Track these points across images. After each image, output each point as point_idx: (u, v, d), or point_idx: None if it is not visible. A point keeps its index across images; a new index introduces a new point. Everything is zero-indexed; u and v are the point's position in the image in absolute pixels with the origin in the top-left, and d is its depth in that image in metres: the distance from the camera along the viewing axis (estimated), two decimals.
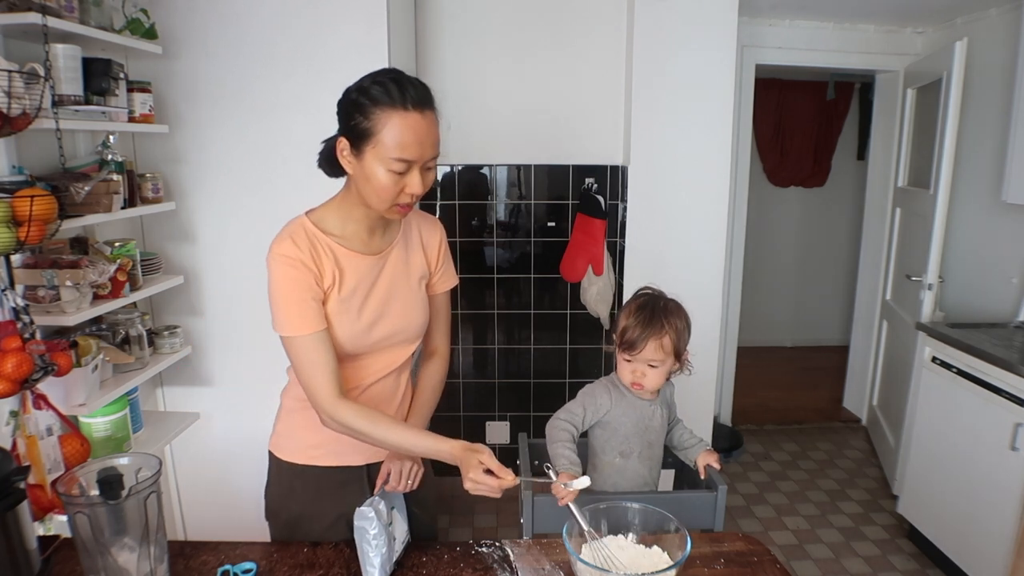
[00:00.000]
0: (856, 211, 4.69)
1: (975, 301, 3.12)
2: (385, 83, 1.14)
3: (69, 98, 1.62)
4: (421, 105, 1.13)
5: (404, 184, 1.16)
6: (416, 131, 1.13)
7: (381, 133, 1.12)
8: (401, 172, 1.15)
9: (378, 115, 1.12)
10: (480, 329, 3.05)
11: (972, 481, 2.36)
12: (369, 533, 1.11)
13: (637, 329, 1.47)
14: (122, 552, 1.06)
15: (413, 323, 1.36)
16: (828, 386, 4.60)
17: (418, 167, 1.16)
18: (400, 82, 1.14)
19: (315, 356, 1.21)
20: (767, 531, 2.93)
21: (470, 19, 2.78)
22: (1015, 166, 2.60)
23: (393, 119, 1.12)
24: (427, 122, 1.15)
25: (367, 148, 1.14)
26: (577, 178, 2.93)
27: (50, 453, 1.50)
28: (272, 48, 2.11)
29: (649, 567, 1.11)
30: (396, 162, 1.13)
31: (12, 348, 1.37)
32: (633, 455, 1.56)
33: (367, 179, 1.16)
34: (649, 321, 1.47)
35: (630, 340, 1.47)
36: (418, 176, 1.17)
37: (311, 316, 1.20)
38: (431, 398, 1.44)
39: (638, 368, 1.50)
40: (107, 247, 1.86)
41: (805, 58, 3.49)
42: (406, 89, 1.13)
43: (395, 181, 1.15)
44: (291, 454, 1.38)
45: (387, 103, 1.12)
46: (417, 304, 1.37)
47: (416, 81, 1.17)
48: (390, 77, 1.15)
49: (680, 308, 1.52)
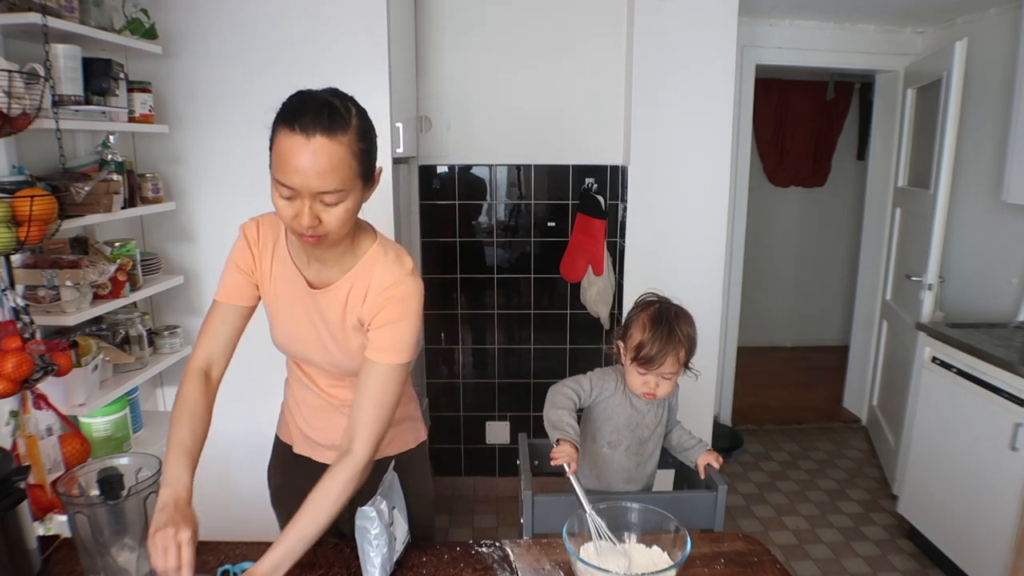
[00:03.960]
0: (856, 211, 4.69)
1: (975, 301, 3.12)
2: (291, 98, 1.06)
3: (69, 98, 1.62)
4: (310, 130, 1.00)
5: (295, 212, 1.05)
6: (296, 156, 1.01)
7: (272, 149, 1.05)
8: (288, 197, 1.05)
9: (274, 129, 1.05)
10: (480, 329, 3.05)
11: (972, 481, 2.36)
12: (370, 533, 1.11)
13: (656, 346, 1.45)
14: (122, 552, 1.06)
15: (346, 364, 1.26)
16: (828, 386, 4.60)
17: (306, 197, 1.04)
18: (302, 101, 1.04)
19: (214, 324, 1.26)
20: (767, 531, 2.93)
21: (470, 20, 2.78)
22: (1015, 166, 2.60)
23: (279, 137, 1.03)
24: (312, 149, 1.00)
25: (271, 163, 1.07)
26: (577, 178, 2.93)
27: (50, 453, 1.50)
28: (272, 48, 2.11)
29: (649, 567, 1.11)
30: (279, 185, 1.05)
31: (12, 348, 1.37)
32: (620, 447, 1.58)
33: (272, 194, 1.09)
34: (668, 338, 1.45)
35: (648, 356, 1.45)
36: (305, 207, 1.04)
37: (233, 287, 1.25)
38: (309, 516, 1.10)
39: (651, 380, 1.50)
40: (107, 247, 1.86)
41: (805, 58, 3.49)
42: (301, 110, 1.02)
43: (284, 206, 1.06)
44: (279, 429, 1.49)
45: (280, 119, 1.04)
46: (351, 354, 1.23)
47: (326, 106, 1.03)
48: (305, 94, 1.06)
49: (688, 316, 1.53)
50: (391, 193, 2.21)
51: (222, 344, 1.27)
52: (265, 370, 2.22)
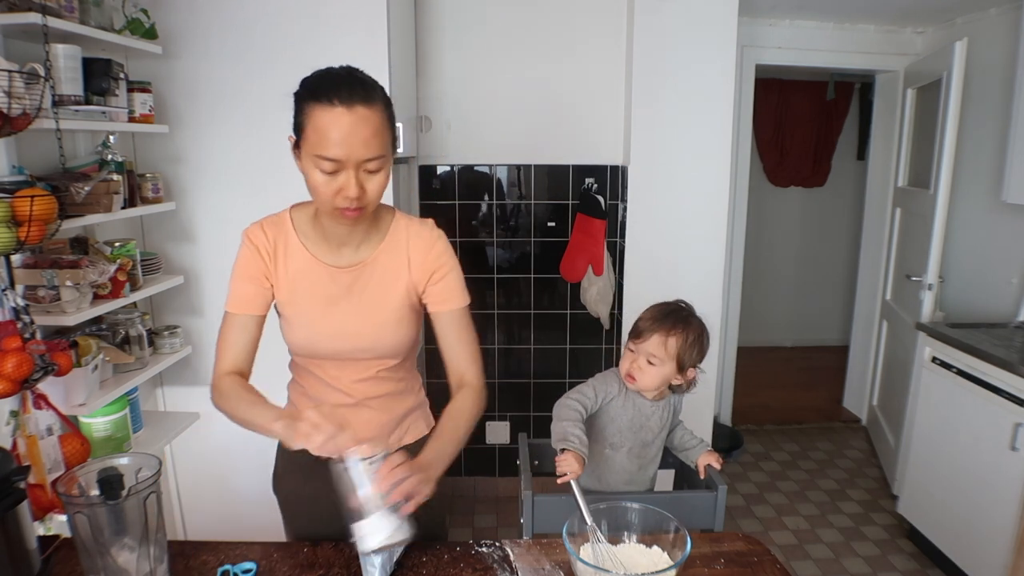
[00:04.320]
0: (856, 211, 4.69)
1: (975, 301, 3.12)
2: (318, 76, 1.10)
3: (69, 98, 1.62)
4: (350, 101, 1.06)
5: (339, 186, 1.09)
6: (339, 127, 1.06)
7: (307, 129, 1.08)
8: (331, 172, 1.09)
9: (306, 110, 1.08)
10: (480, 329, 3.02)
11: (972, 481, 2.36)
12: None
13: (648, 321, 1.52)
14: (122, 552, 1.06)
15: (382, 343, 1.28)
16: (828, 386, 4.60)
17: (351, 168, 1.08)
18: (333, 76, 1.09)
19: (231, 335, 1.22)
20: (767, 531, 2.93)
21: (470, 20, 2.78)
22: (1015, 166, 2.60)
23: (317, 114, 1.07)
24: (354, 119, 1.06)
25: (302, 144, 1.11)
26: (577, 178, 2.93)
27: (50, 453, 1.50)
28: (272, 47, 2.11)
29: (649, 567, 1.11)
30: (323, 160, 1.08)
31: (12, 348, 1.37)
32: (623, 449, 1.58)
33: (305, 178, 1.13)
34: (662, 317, 1.51)
35: (638, 328, 1.52)
36: (352, 178, 1.09)
37: (247, 297, 1.22)
38: (451, 425, 1.24)
39: (638, 360, 1.52)
40: (107, 247, 1.86)
41: (805, 58, 3.49)
42: (336, 84, 1.07)
43: (326, 182, 1.09)
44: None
45: (314, 97, 1.07)
46: (390, 325, 1.27)
47: (356, 77, 1.10)
48: (327, 70, 1.11)
49: (701, 326, 1.54)
50: (391, 193, 2.21)
51: (244, 354, 1.24)
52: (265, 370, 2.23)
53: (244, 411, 1.17)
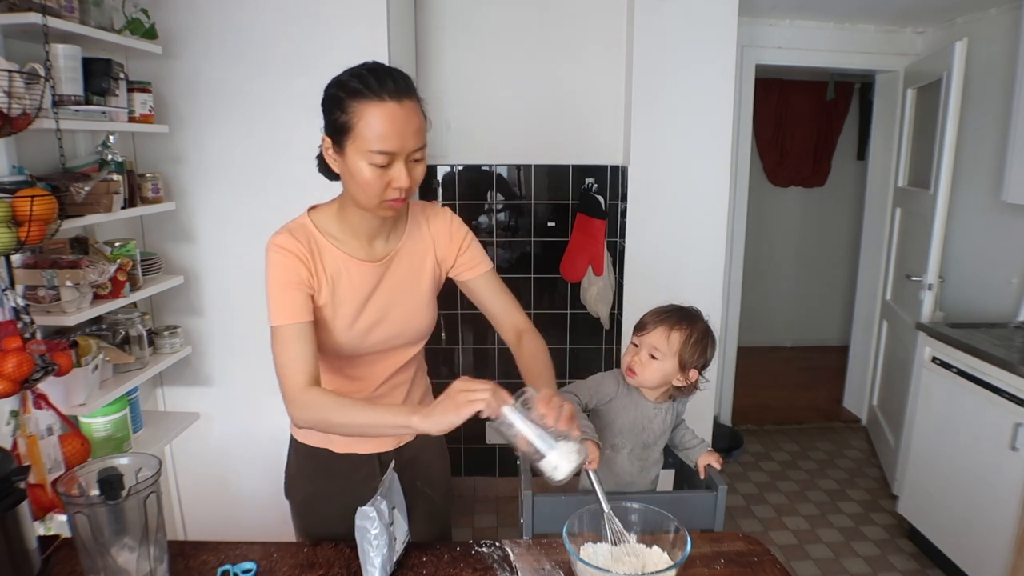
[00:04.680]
0: (856, 211, 4.69)
1: (975, 301, 3.12)
2: (361, 74, 1.11)
3: (69, 98, 1.62)
4: (399, 95, 1.10)
5: (390, 178, 1.13)
6: (394, 121, 1.09)
7: (359, 126, 1.10)
8: (384, 165, 1.12)
9: (355, 108, 1.10)
10: (480, 329, 3.05)
11: (972, 481, 2.36)
12: (370, 533, 1.11)
13: (653, 315, 1.55)
14: (122, 552, 1.06)
15: (413, 327, 1.34)
16: (828, 386, 4.60)
17: (402, 159, 1.13)
18: (376, 72, 1.11)
19: (293, 347, 1.17)
20: (767, 531, 2.93)
21: (470, 19, 2.78)
22: (1015, 166, 2.60)
23: (369, 110, 1.09)
24: (405, 111, 1.11)
25: (348, 143, 1.12)
26: (577, 178, 2.93)
27: (50, 453, 1.50)
28: (272, 48, 2.11)
29: (649, 567, 1.11)
30: (377, 155, 1.10)
31: (12, 348, 1.37)
32: (623, 450, 1.57)
33: (352, 176, 1.14)
34: (668, 313, 1.54)
35: (643, 321, 1.55)
36: (403, 168, 1.13)
37: (297, 306, 1.19)
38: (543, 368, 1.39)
39: (640, 354, 1.52)
40: (107, 247, 1.86)
41: (805, 58, 3.49)
42: (382, 79, 1.10)
43: (379, 175, 1.12)
44: (305, 436, 1.40)
45: (362, 95, 1.09)
46: (421, 308, 1.34)
47: (394, 71, 1.13)
48: (366, 68, 1.13)
49: (707, 329, 1.55)
50: None
51: (313, 363, 1.19)
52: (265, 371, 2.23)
53: (355, 416, 1.14)
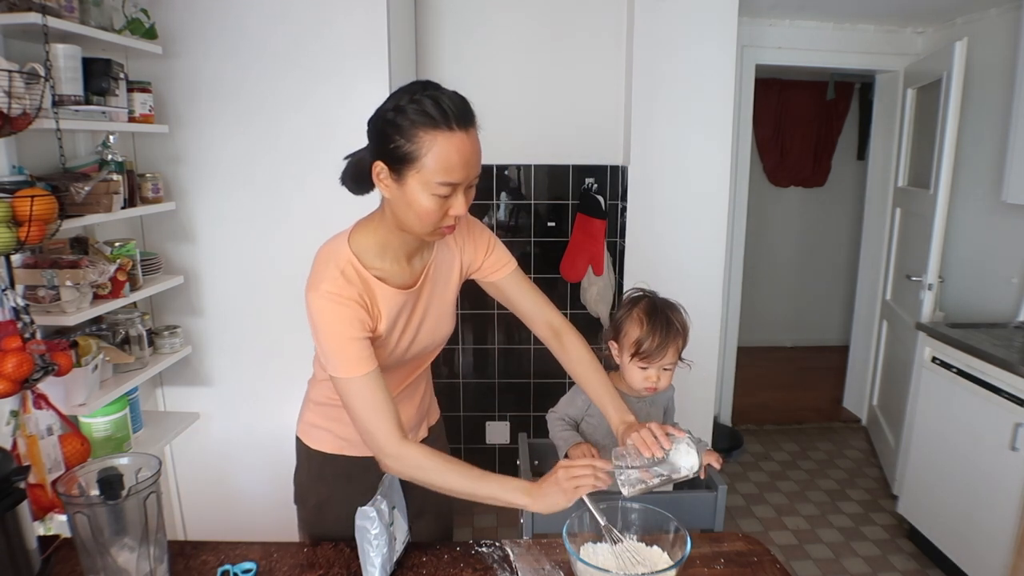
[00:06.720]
0: (856, 211, 4.69)
1: (975, 301, 3.12)
2: (423, 101, 1.05)
3: (69, 98, 1.62)
4: (466, 124, 1.06)
5: (448, 207, 1.10)
6: (462, 152, 1.06)
7: (425, 157, 1.05)
8: (446, 195, 1.09)
9: (421, 137, 1.04)
10: (480, 329, 3.05)
11: (972, 481, 2.36)
12: (370, 533, 1.11)
13: (656, 339, 1.46)
14: (122, 552, 1.06)
15: (440, 335, 1.36)
16: (828, 386, 4.60)
17: (462, 187, 1.10)
18: (439, 100, 1.05)
19: (374, 397, 1.13)
20: (767, 531, 2.93)
21: (470, 19, 2.78)
22: (1015, 166, 2.60)
23: (438, 141, 1.04)
24: (471, 140, 1.08)
25: (409, 173, 1.07)
26: (577, 178, 2.93)
27: (50, 453, 1.50)
28: (272, 48, 2.11)
29: (649, 567, 1.11)
30: (441, 186, 1.07)
31: (12, 348, 1.37)
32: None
33: (409, 205, 1.10)
34: (667, 328, 1.47)
35: (649, 351, 1.46)
36: (462, 197, 1.11)
37: (367, 355, 1.14)
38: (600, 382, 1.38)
39: (652, 374, 1.50)
40: (107, 247, 1.86)
41: (805, 58, 3.49)
42: (448, 107, 1.05)
43: (439, 205, 1.09)
44: (319, 443, 1.38)
45: (430, 124, 1.04)
46: (447, 316, 1.36)
47: (455, 95, 1.08)
48: (427, 94, 1.06)
49: (679, 305, 1.54)
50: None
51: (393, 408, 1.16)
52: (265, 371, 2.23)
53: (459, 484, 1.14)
